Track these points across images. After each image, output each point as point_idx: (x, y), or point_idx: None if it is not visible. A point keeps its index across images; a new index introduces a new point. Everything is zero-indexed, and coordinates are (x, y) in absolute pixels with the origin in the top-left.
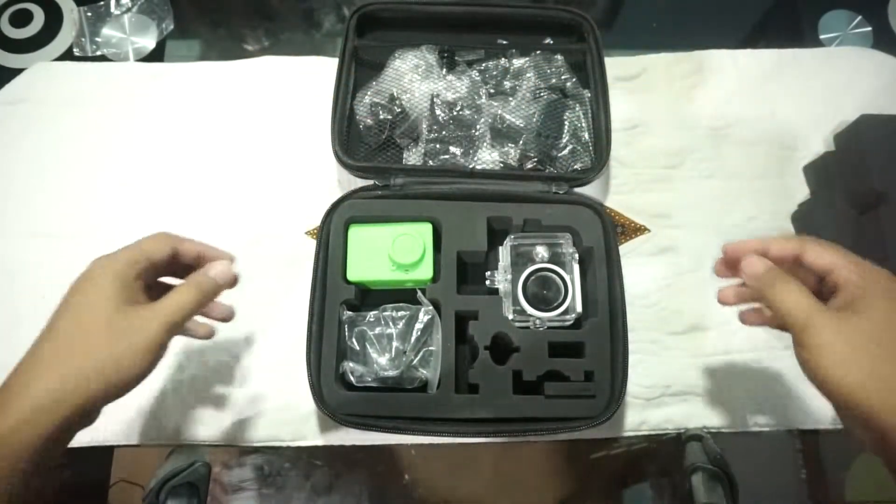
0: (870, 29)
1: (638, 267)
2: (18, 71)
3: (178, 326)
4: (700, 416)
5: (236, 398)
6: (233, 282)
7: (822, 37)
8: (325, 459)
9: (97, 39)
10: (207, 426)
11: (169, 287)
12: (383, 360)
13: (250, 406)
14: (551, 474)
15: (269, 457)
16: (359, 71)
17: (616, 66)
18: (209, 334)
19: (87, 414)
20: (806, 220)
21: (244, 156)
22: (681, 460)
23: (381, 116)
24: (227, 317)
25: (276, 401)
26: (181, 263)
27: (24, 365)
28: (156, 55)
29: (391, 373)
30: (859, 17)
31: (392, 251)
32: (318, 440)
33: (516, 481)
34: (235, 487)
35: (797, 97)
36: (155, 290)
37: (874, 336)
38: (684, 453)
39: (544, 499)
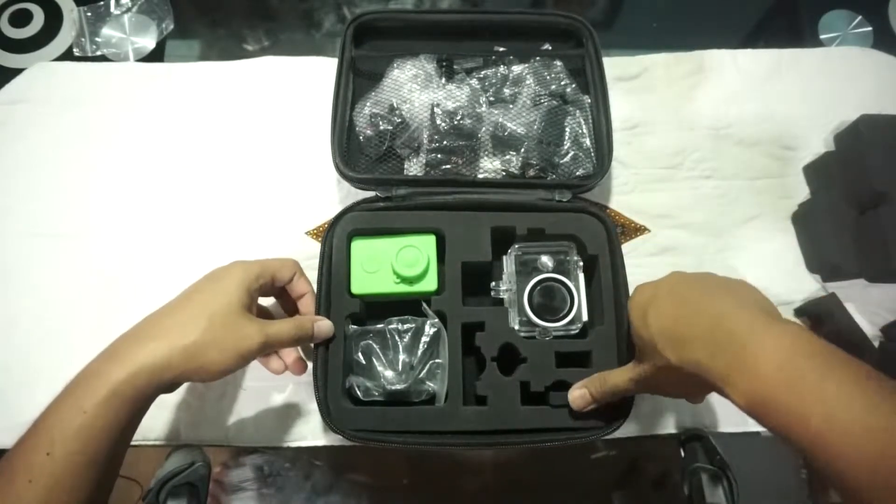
0: (870, 29)
1: (638, 267)
2: (18, 71)
3: (269, 349)
4: (700, 416)
5: (236, 398)
6: (324, 341)
7: (822, 37)
8: (325, 459)
9: (97, 39)
10: (207, 426)
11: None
12: (390, 373)
13: (250, 406)
14: (551, 474)
15: (269, 457)
16: (357, 81)
17: (616, 66)
18: (280, 370)
19: (172, 386)
20: (806, 220)
21: (244, 156)
22: (681, 460)
23: (382, 127)
24: (297, 369)
25: (276, 401)
26: (279, 289)
27: (146, 325)
28: (156, 55)
29: (398, 386)
30: (859, 17)
31: (396, 264)
32: (318, 440)
33: (516, 481)
34: (235, 487)
35: (797, 97)
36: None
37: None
38: (684, 453)
39: (544, 498)
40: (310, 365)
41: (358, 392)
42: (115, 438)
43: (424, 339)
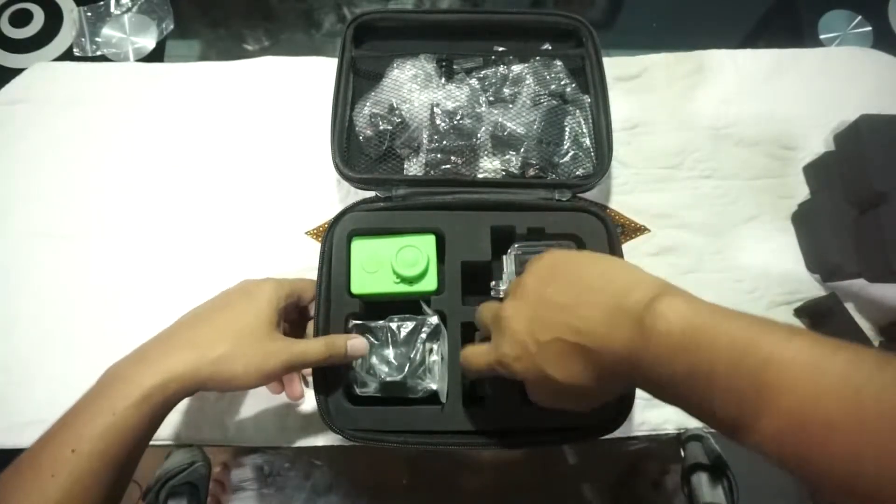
0: (870, 29)
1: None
2: (18, 71)
3: (295, 368)
4: None
5: (236, 398)
6: (356, 358)
7: (822, 37)
8: (325, 459)
9: (97, 39)
10: (207, 426)
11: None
12: (385, 367)
13: (250, 406)
14: (551, 474)
15: (269, 457)
16: (357, 81)
17: (616, 66)
18: (277, 391)
19: (194, 393)
20: (806, 220)
21: (244, 156)
22: (681, 460)
23: (381, 127)
24: (293, 395)
25: (276, 401)
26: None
27: (177, 332)
28: (156, 55)
29: (394, 378)
30: (859, 17)
31: (395, 263)
32: (318, 440)
33: (516, 480)
34: (235, 487)
35: (797, 97)
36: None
37: None
38: (684, 453)
39: (544, 498)
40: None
41: (355, 385)
42: (138, 440)
43: (423, 336)
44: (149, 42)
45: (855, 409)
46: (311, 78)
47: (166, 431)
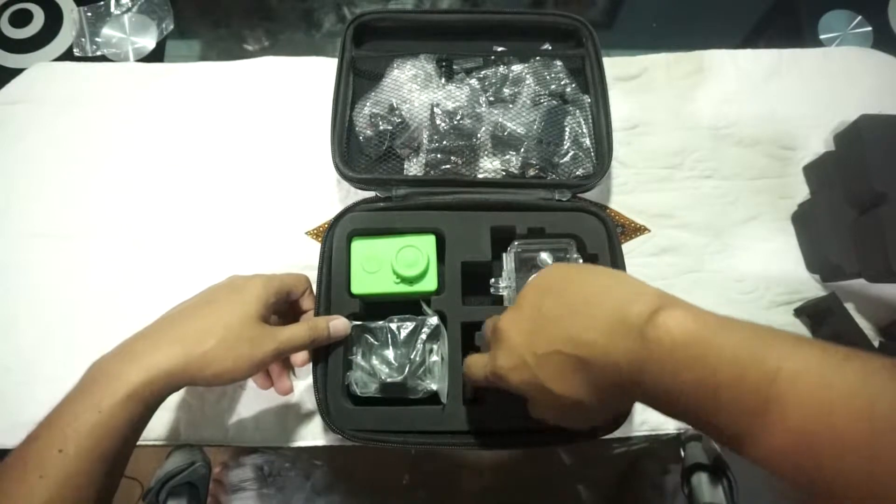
0: (870, 29)
1: (638, 267)
2: (18, 71)
3: (283, 354)
4: None
5: (236, 398)
6: (340, 339)
7: (822, 37)
8: (325, 459)
9: (97, 39)
10: (207, 426)
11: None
12: (386, 368)
13: (250, 406)
14: (551, 474)
15: (269, 457)
16: (357, 81)
17: (616, 66)
18: (266, 387)
19: (182, 388)
20: (806, 220)
21: (244, 156)
22: (681, 460)
23: (381, 127)
24: (281, 389)
25: (276, 401)
26: (288, 304)
27: (163, 327)
28: (156, 55)
29: (395, 378)
30: (859, 17)
31: (395, 264)
32: (318, 440)
33: (515, 481)
34: (235, 487)
35: (797, 97)
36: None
37: None
38: (684, 453)
39: (544, 498)
40: (309, 366)
41: (355, 387)
42: (126, 437)
43: (423, 336)
44: (149, 42)
45: (868, 424)
46: (311, 78)
47: (166, 431)
